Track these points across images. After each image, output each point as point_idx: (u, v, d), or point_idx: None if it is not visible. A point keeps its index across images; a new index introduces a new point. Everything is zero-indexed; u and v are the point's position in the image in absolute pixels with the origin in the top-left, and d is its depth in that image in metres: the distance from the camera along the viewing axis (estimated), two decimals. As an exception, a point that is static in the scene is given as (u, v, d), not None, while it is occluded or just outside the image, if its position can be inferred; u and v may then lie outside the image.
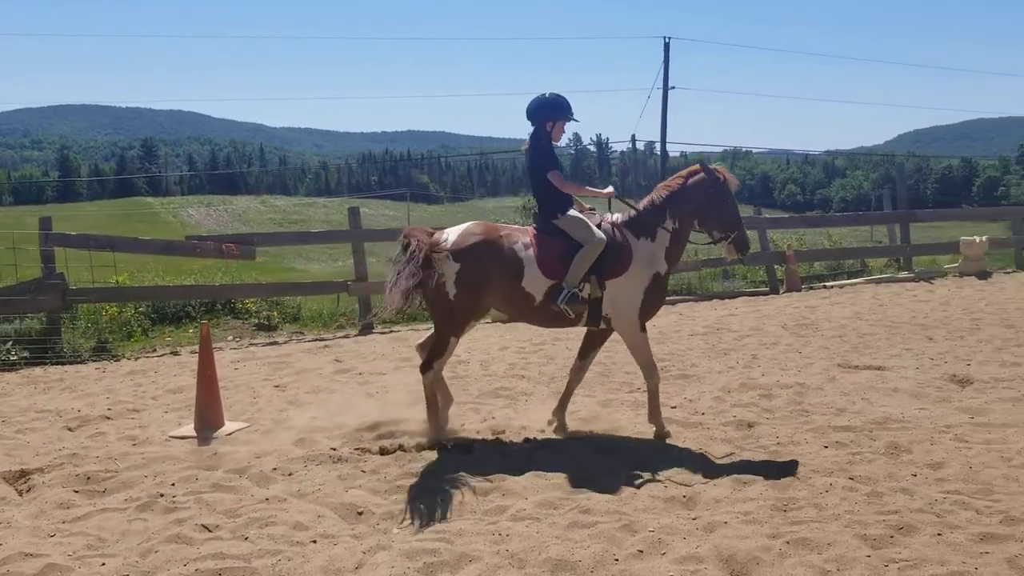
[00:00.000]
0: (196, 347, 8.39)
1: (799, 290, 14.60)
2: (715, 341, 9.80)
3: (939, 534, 4.13)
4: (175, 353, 10.19)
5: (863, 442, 5.71)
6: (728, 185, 6.04)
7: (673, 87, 35.57)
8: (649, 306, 6.03)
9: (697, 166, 6.11)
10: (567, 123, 6.18)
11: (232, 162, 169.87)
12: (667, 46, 35.27)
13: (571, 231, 5.92)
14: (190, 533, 4.42)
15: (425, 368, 6.01)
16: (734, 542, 4.06)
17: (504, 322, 11.57)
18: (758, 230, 15.29)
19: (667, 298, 13.38)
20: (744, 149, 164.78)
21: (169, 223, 68.75)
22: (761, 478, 4.98)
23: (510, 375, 8.15)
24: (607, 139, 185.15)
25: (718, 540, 4.10)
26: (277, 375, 8.48)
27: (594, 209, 6.28)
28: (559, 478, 5.06)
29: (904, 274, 15.74)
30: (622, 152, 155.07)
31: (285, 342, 10.76)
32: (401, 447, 5.73)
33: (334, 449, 5.72)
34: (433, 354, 5.99)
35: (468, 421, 6.38)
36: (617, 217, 6.11)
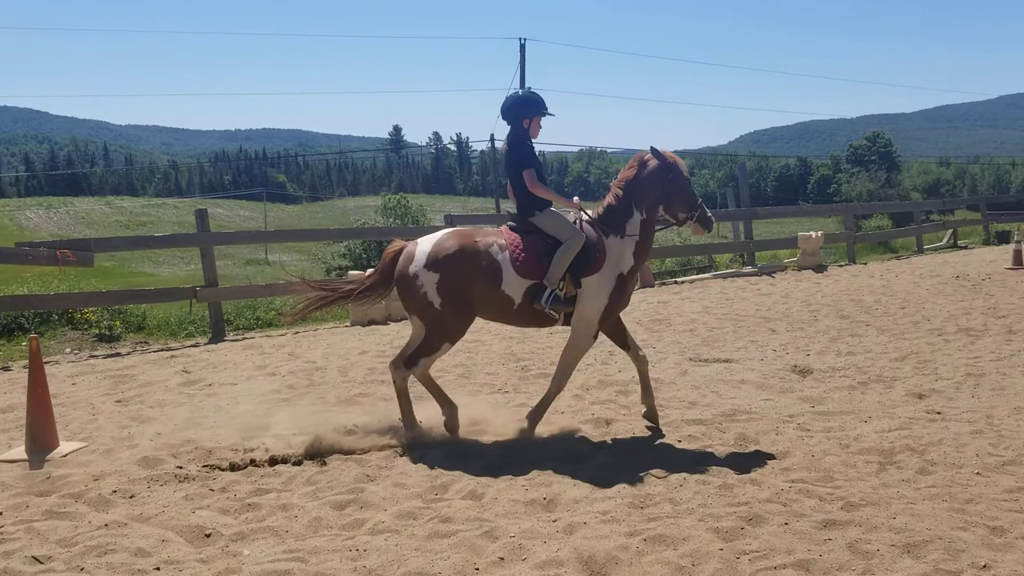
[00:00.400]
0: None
1: (652, 286, 15.04)
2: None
3: (786, 523, 4.29)
4: (6, 368, 9.43)
5: (714, 435, 5.91)
6: (681, 167, 6.05)
7: (530, 87, 35.92)
8: (612, 309, 5.98)
9: (647, 154, 6.04)
10: (543, 118, 6.09)
11: (74, 161, 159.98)
12: (523, 47, 35.64)
13: (549, 228, 5.87)
14: (19, 567, 4.06)
15: (410, 363, 5.91)
16: (593, 543, 4.08)
17: (364, 325, 11.38)
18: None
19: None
20: (599, 149, 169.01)
21: (5, 227, 63.93)
22: (620, 476, 5.05)
23: (370, 380, 7.98)
24: (467, 138, 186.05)
25: (578, 542, 4.11)
26: (119, 389, 7.97)
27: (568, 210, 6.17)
28: (419, 486, 4.97)
29: (748, 269, 16.50)
30: (482, 151, 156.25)
31: (128, 353, 10.15)
32: (253, 461, 5.48)
33: (180, 467, 5.40)
34: (421, 351, 5.89)
35: (326, 430, 6.16)
36: (586, 215, 6.05)
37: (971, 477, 4.94)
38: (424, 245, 5.83)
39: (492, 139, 42.86)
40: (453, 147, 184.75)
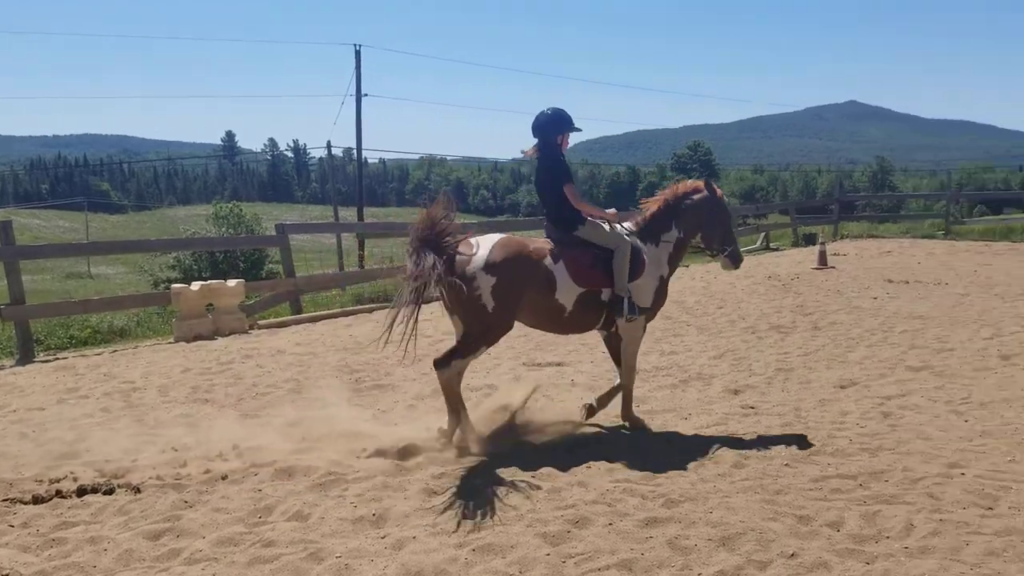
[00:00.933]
0: None
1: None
2: (409, 347, 9.81)
3: (610, 523, 4.40)
4: None
5: (545, 438, 5.98)
6: (725, 205, 6.59)
7: (366, 94, 35.46)
8: (655, 307, 6.34)
9: (701, 183, 6.56)
10: (572, 134, 6.31)
11: None
12: (358, 53, 35.16)
13: (597, 239, 6.12)
14: None
15: (442, 364, 5.84)
16: (421, 557, 4.04)
17: (189, 341, 10.85)
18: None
19: (364, 306, 13.39)
20: (439, 156, 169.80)
21: None
22: (452, 486, 5.03)
23: (192, 399, 7.60)
24: (304, 145, 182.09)
25: (406, 557, 4.05)
26: (-95, 421, 7.21)
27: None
28: (241, 510, 4.74)
29: (583, 274, 16.92)
30: (321, 158, 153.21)
31: (-81, 380, 9.21)
32: (59, 493, 5.08)
33: (-26, 504, 4.94)
34: (457, 352, 5.84)
35: (143, 455, 5.80)
36: (627, 225, 6.32)
37: (781, 468, 5.25)
38: (483, 245, 5.81)
39: (329, 146, 41.93)
40: (290, 154, 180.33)
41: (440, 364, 5.87)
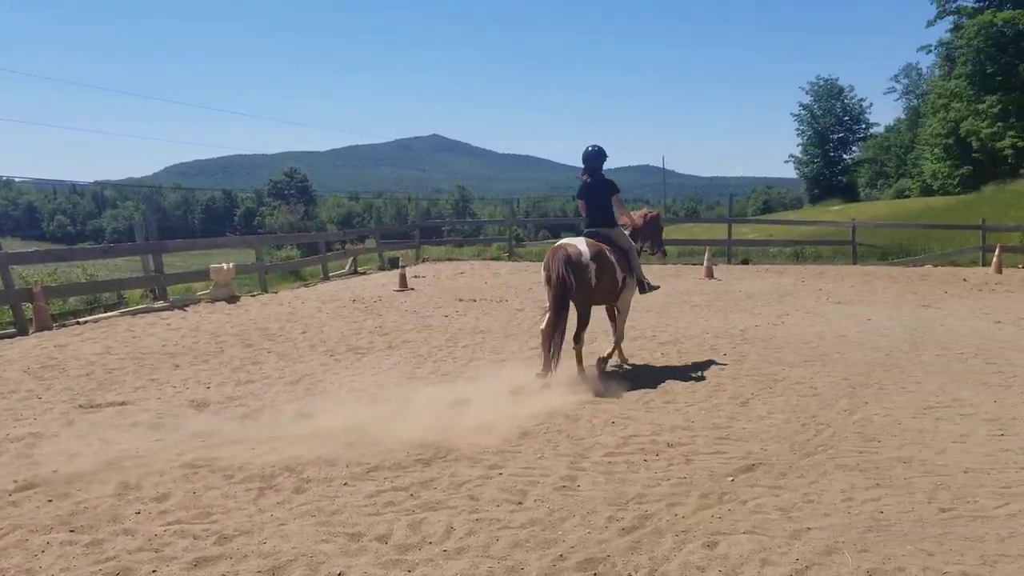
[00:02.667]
0: None
1: (50, 328, 13.56)
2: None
3: (155, 571, 4.14)
4: None
5: (93, 487, 5.45)
6: (660, 222, 10.15)
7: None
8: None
9: (653, 211, 10.06)
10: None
11: None
12: None
13: (621, 242, 8.95)
14: None
15: (577, 339, 8.34)
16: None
17: None
18: (-2, 267, 13.79)
19: None
20: (5, 177, 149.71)
21: None
22: (-36, 555, 4.38)
23: None
24: None
25: None
26: None
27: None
28: None
29: (160, 303, 15.89)
30: None
31: None
32: None
33: None
34: (581, 327, 8.37)
35: None
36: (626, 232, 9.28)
37: (339, 488, 5.35)
38: (581, 245, 8.28)
39: None
40: None
41: (576, 340, 8.33)
